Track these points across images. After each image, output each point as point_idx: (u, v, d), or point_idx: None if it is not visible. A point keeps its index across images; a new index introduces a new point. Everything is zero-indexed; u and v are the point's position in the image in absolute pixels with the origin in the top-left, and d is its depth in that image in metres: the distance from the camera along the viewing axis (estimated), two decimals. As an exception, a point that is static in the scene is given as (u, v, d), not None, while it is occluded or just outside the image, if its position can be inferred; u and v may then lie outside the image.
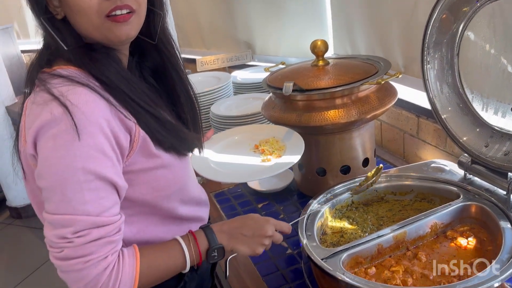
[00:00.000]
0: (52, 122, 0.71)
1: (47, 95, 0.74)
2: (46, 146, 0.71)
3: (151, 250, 0.82)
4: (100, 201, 0.73)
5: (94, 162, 0.72)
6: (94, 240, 0.72)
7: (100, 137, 0.72)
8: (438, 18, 1.06)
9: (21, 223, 3.29)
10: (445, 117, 1.11)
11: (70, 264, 0.72)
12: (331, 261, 0.93)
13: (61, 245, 0.72)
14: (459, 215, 1.05)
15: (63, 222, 0.71)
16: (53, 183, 0.71)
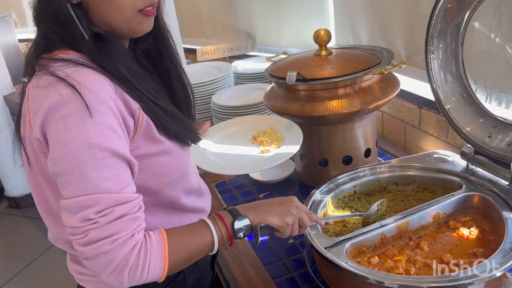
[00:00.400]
0: (61, 103, 0.70)
1: (52, 77, 0.73)
2: (57, 127, 0.70)
3: (177, 229, 0.81)
4: (118, 178, 0.72)
5: (108, 139, 0.71)
6: (119, 218, 0.71)
7: (110, 115, 0.72)
8: (443, 8, 1.05)
9: (19, 213, 3.29)
10: (448, 108, 1.10)
11: (97, 247, 0.69)
12: (334, 250, 0.93)
13: (85, 228, 0.70)
14: (461, 205, 1.06)
15: (85, 203, 0.69)
16: (70, 164, 0.69)
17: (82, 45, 0.76)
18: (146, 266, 0.72)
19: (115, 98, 0.75)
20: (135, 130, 0.79)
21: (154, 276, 0.74)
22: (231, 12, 2.42)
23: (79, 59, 0.76)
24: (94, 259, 0.70)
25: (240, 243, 1.21)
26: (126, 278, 0.71)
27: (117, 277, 0.71)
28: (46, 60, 0.77)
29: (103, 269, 0.71)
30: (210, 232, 0.81)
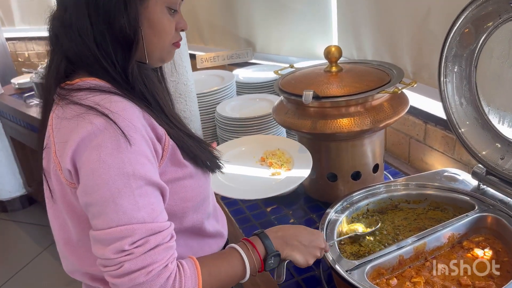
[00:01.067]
0: (95, 132, 0.69)
1: (78, 107, 0.72)
2: (91, 157, 0.69)
3: (209, 259, 0.81)
4: (152, 206, 0.72)
5: (142, 167, 0.71)
6: (153, 248, 0.70)
7: (143, 143, 0.72)
8: (459, 32, 1.07)
9: (6, 216, 3.22)
10: (462, 131, 1.12)
11: (132, 279, 0.68)
12: (355, 273, 0.94)
13: (120, 259, 0.68)
14: (474, 225, 1.08)
15: (120, 234, 0.68)
16: (105, 194, 0.68)
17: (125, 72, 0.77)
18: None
19: (145, 125, 0.75)
20: (162, 155, 0.79)
21: None
22: (231, 18, 2.41)
23: (103, 86, 0.76)
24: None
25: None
26: None
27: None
28: (66, 91, 0.76)
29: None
30: (242, 261, 0.81)
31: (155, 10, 0.78)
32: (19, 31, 4.06)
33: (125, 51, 0.76)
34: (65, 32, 0.76)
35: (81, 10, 0.74)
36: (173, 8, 0.81)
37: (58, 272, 2.53)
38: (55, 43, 0.79)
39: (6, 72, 3.47)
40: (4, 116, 2.94)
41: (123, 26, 0.74)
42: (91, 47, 0.75)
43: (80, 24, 0.74)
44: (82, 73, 0.78)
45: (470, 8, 1.03)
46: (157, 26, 0.79)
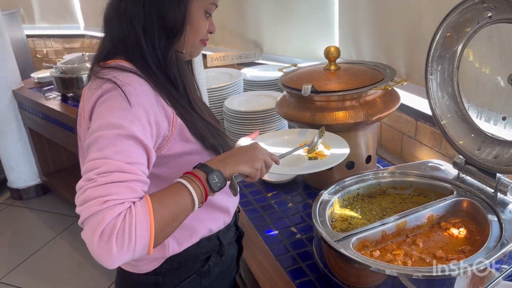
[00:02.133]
0: (103, 93, 0.83)
1: (100, 80, 0.86)
2: (96, 112, 0.82)
3: (157, 193, 0.80)
4: (131, 154, 0.77)
5: (131, 124, 0.79)
6: (116, 182, 0.73)
7: (140, 110, 0.82)
8: (442, 36, 1.20)
9: (21, 204, 3.36)
10: (444, 123, 1.25)
11: (89, 205, 0.70)
12: (342, 243, 1.07)
13: (85, 187, 0.72)
14: (452, 208, 1.20)
15: (93, 165, 0.74)
16: (93, 137, 0.78)
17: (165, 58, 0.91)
18: (133, 230, 0.71)
19: (151, 99, 0.86)
20: (170, 132, 0.91)
21: (142, 243, 0.72)
22: (240, 21, 2.56)
23: (128, 67, 0.90)
24: (86, 224, 0.71)
25: (253, 237, 1.35)
26: (114, 244, 0.69)
27: (106, 246, 0.69)
28: (99, 68, 0.90)
29: (92, 234, 0.69)
30: (188, 191, 0.82)
31: (195, 11, 0.93)
32: (38, 29, 4.24)
33: (169, 39, 0.91)
34: (117, 18, 0.91)
35: (140, 5, 0.88)
36: (208, 12, 0.96)
37: (70, 256, 2.69)
38: (107, 30, 0.95)
39: (26, 67, 3.65)
40: (24, 108, 3.10)
41: (172, 18, 0.89)
42: (137, 33, 0.89)
43: (133, 12, 0.88)
44: (119, 57, 0.92)
45: (452, 14, 1.16)
46: (195, 24, 0.94)
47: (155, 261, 1.02)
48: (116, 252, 0.69)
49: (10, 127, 3.17)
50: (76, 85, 2.75)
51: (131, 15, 0.89)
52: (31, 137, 3.24)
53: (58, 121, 2.77)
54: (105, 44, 0.94)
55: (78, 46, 4.18)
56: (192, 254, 1.05)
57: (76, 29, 4.17)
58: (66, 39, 4.21)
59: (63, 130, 2.76)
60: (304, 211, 1.47)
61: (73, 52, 3.89)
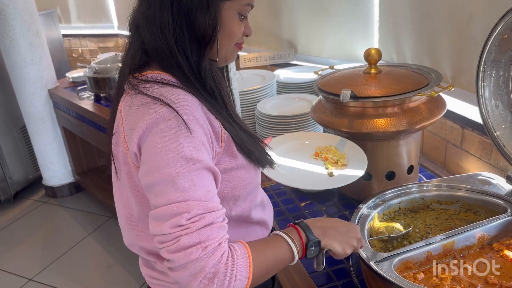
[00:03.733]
0: (159, 119, 0.76)
1: (145, 97, 0.80)
2: (154, 141, 0.76)
3: (257, 242, 0.84)
4: (208, 188, 0.77)
5: (199, 152, 0.77)
6: (208, 225, 0.73)
7: (201, 132, 0.79)
8: (498, 38, 1.09)
9: (55, 202, 3.42)
10: (497, 135, 1.14)
11: (188, 253, 0.71)
12: (383, 264, 0.98)
13: (177, 234, 0.72)
14: (506, 228, 1.10)
15: (178, 209, 0.73)
16: (165, 174, 0.74)
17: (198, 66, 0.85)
18: (234, 275, 0.73)
19: (203, 117, 0.82)
20: (220, 146, 0.85)
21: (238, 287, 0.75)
22: (275, 20, 2.48)
23: (168, 79, 0.84)
24: (184, 269, 0.72)
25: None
26: (215, 286, 0.72)
27: (207, 286, 0.71)
28: (136, 81, 0.84)
29: (193, 279, 0.71)
30: (288, 246, 0.84)
31: (228, 14, 0.85)
32: (74, 28, 4.31)
33: (201, 47, 0.84)
34: (147, 26, 0.84)
35: (165, 6, 0.81)
36: (243, 14, 0.88)
37: (101, 255, 2.70)
38: (134, 35, 0.88)
39: (61, 66, 3.70)
40: (58, 108, 3.14)
41: (202, 24, 0.82)
42: (169, 42, 0.82)
43: (162, 19, 0.81)
44: (154, 66, 0.86)
45: (510, 14, 1.05)
46: (228, 28, 0.86)
47: None
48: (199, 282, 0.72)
49: (45, 126, 3.22)
50: (109, 85, 2.75)
51: (161, 23, 0.82)
52: (65, 137, 3.28)
53: (90, 122, 2.78)
54: (135, 52, 0.87)
55: (112, 45, 4.21)
56: None
57: (110, 28, 4.20)
58: (100, 38, 4.26)
59: (96, 130, 2.77)
60: (339, 223, 1.39)
61: (107, 51, 3.93)
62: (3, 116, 3.27)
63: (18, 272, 2.67)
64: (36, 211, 3.33)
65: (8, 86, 3.19)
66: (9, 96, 3.25)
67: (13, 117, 3.33)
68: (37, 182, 3.56)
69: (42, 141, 3.26)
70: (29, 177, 3.53)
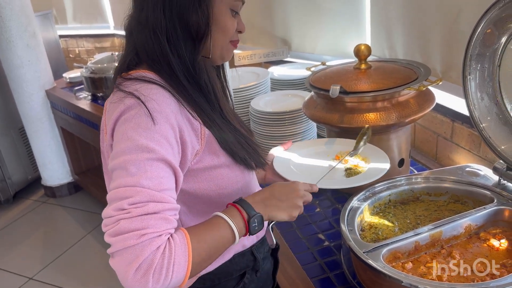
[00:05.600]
0: (126, 110, 0.79)
1: (122, 93, 0.83)
2: (119, 130, 0.78)
3: (196, 227, 0.80)
4: (161, 180, 0.75)
5: (158, 144, 0.76)
6: (151, 213, 0.71)
7: (166, 126, 0.78)
8: (482, 32, 1.11)
9: (55, 201, 3.44)
10: (483, 126, 1.17)
11: (125, 238, 0.69)
12: (372, 254, 1.01)
13: (118, 217, 0.70)
14: (492, 218, 1.12)
15: (124, 193, 0.72)
16: (120, 161, 0.75)
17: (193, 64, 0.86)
18: (171, 266, 0.70)
19: (176, 113, 0.82)
20: (199, 144, 0.87)
21: (178, 278, 0.72)
22: (268, 18, 2.50)
23: (149, 76, 0.85)
24: (120, 255, 0.69)
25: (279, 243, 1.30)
26: (150, 278, 0.68)
27: (142, 279, 0.68)
28: (121, 79, 0.87)
29: (128, 267, 0.68)
30: (228, 225, 0.81)
31: (220, 9, 0.87)
32: (71, 29, 4.33)
33: (195, 44, 0.86)
34: (140, 29, 0.86)
35: (157, 7, 0.83)
36: (235, 10, 0.90)
37: (100, 254, 2.73)
38: (128, 39, 0.91)
39: (59, 67, 3.72)
40: (56, 108, 3.16)
41: (195, 21, 0.84)
42: (161, 42, 0.84)
43: (155, 20, 0.83)
44: (143, 67, 0.88)
45: (493, 9, 1.07)
46: (221, 24, 0.87)
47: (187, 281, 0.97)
48: (152, 286, 0.69)
49: (43, 127, 3.24)
50: (106, 85, 2.77)
51: (153, 24, 0.84)
52: (63, 137, 3.30)
53: (88, 121, 2.80)
54: (127, 55, 0.90)
55: (108, 45, 4.23)
56: (225, 272, 1.00)
57: (106, 28, 4.22)
58: (97, 38, 4.27)
59: (93, 130, 2.79)
60: (332, 217, 1.42)
61: (104, 51, 3.95)
62: (1, 118, 3.30)
63: (18, 271, 2.70)
64: (36, 211, 3.36)
65: (6, 88, 3.21)
66: (7, 98, 3.27)
67: (11, 119, 3.35)
68: (36, 182, 3.59)
69: (40, 142, 3.29)
70: (28, 177, 3.55)
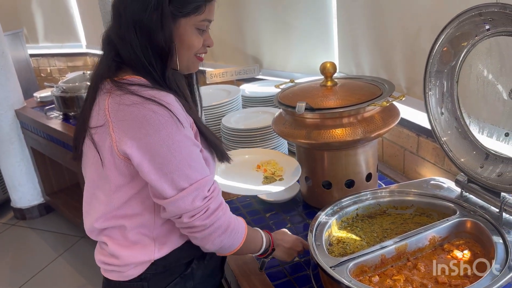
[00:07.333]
0: (159, 117, 0.90)
1: (136, 97, 0.92)
2: (160, 137, 0.90)
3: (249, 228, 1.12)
4: (204, 165, 0.99)
5: (194, 140, 0.97)
6: (217, 192, 0.99)
7: (187, 125, 0.96)
8: (439, 51, 1.16)
9: (25, 224, 3.35)
10: (444, 140, 1.20)
11: (216, 215, 0.97)
12: (339, 269, 1.02)
13: (206, 204, 0.95)
14: (455, 229, 1.15)
15: (200, 186, 0.95)
16: (181, 162, 0.92)
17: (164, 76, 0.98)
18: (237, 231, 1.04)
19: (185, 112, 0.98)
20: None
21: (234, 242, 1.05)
22: (240, 37, 2.54)
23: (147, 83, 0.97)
24: (211, 227, 0.97)
25: (249, 260, 1.30)
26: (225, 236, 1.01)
27: (221, 236, 1.00)
28: (120, 83, 0.95)
29: (215, 232, 0.98)
30: (261, 244, 1.15)
31: (185, 29, 0.98)
32: (42, 48, 4.28)
33: (163, 60, 0.97)
34: (121, 42, 0.97)
35: (130, 28, 0.95)
36: (201, 28, 1.00)
37: (72, 276, 2.66)
38: (107, 48, 1.01)
39: (30, 86, 3.67)
40: (26, 128, 3.10)
41: (160, 41, 0.95)
42: (139, 55, 0.96)
43: (129, 39, 0.95)
44: (127, 70, 0.99)
45: (448, 28, 1.12)
46: (187, 41, 0.99)
47: (141, 266, 1.05)
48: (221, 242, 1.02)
49: (12, 147, 3.17)
50: (77, 104, 2.74)
51: (130, 41, 0.95)
52: (34, 157, 3.23)
53: (59, 141, 2.76)
54: (110, 59, 0.98)
55: (81, 64, 4.19)
56: (176, 258, 1.09)
57: (78, 47, 4.19)
58: (69, 57, 4.23)
59: (65, 150, 2.74)
60: (303, 232, 1.42)
61: (76, 70, 3.91)
62: (-31, 139, 3.21)
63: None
64: (5, 234, 3.26)
65: (-26, 108, 3.13)
66: (-25, 118, 3.19)
67: (-21, 139, 3.26)
68: (6, 204, 3.49)
69: (10, 163, 3.21)
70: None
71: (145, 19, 0.93)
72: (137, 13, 0.93)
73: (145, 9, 0.92)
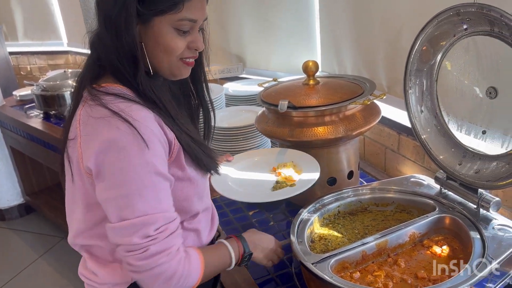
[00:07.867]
0: (121, 136, 0.82)
1: (105, 110, 0.85)
2: (118, 157, 0.82)
3: (206, 250, 0.99)
4: (168, 198, 0.88)
5: (160, 165, 0.85)
6: (171, 234, 0.85)
7: (159, 146, 0.86)
8: (419, 50, 1.18)
9: (4, 225, 3.29)
10: (424, 138, 1.22)
11: (155, 260, 0.83)
12: (320, 265, 1.03)
13: (146, 244, 0.82)
14: (434, 225, 1.17)
15: (145, 221, 0.82)
16: (132, 188, 0.82)
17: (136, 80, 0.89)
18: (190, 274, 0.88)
19: (159, 130, 0.88)
20: (170, 157, 0.90)
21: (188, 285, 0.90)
22: (223, 36, 2.53)
23: (126, 93, 0.89)
24: (149, 271, 0.84)
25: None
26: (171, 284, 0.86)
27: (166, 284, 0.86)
28: (95, 91, 0.88)
29: (155, 279, 0.84)
30: (230, 255, 1.01)
31: (160, 29, 0.88)
32: (22, 46, 4.20)
33: (134, 63, 0.88)
34: (101, 44, 0.91)
35: (102, 27, 0.89)
36: (181, 29, 0.89)
37: (53, 277, 2.62)
38: (91, 47, 0.94)
39: (9, 84, 3.58)
40: (5, 127, 3.05)
41: (126, 43, 0.86)
42: (112, 57, 0.89)
43: (105, 40, 0.89)
44: (108, 77, 0.92)
45: (427, 27, 1.14)
46: (163, 43, 0.89)
47: (119, 286, 0.98)
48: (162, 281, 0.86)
49: (-9, 147, 3.11)
50: (58, 103, 2.70)
51: (104, 41, 0.89)
52: (13, 157, 3.17)
53: (40, 140, 2.72)
54: (91, 64, 0.93)
55: (62, 62, 4.13)
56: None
57: (60, 45, 4.13)
58: (50, 55, 4.16)
59: (45, 149, 2.70)
60: (286, 230, 1.43)
61: (57, 68, 3.84)
62: None
63: (-37, 299, 2.55)
64: (-17, 236, 3.20)
65: (-49, 107, 3.07)
66: (-48, 117, 3.13)
67: (-44, 139, 3.19)
68: (-16, 205, 3.42)
69: (-12, 163, 3.15)
70: (-25, 200, 3.38)
71: (113, 16, 0.86)
72: (108, 10, 0.87)
73: (113, 6, 0.86)
